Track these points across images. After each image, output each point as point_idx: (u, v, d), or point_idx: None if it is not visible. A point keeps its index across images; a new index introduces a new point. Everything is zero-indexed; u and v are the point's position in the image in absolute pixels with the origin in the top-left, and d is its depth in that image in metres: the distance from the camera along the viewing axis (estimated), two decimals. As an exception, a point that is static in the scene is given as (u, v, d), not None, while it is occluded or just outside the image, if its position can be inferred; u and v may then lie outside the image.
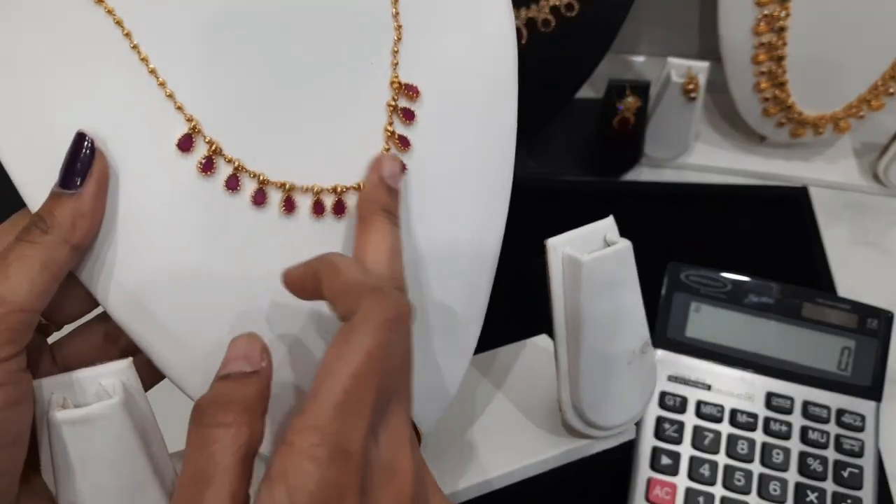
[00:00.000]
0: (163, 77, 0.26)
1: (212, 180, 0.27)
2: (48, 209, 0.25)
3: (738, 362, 0.51)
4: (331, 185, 0.28)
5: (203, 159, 0.27)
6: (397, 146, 0.29)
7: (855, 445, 0.48)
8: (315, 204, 0.28)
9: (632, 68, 0.77)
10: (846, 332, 0.51)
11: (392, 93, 0.29)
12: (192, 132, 0.26)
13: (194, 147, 0.26)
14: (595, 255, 0.32)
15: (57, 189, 0.25)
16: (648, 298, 0.54)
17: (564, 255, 0.32)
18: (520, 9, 0.56)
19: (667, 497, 0.47)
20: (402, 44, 0.29)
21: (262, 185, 0.27)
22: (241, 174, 0.27)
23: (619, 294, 0.33)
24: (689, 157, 0.68)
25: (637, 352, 0.34)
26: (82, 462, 0.25)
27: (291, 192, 0.28)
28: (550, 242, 0.33)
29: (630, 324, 0.34)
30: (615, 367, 0.34)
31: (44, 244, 0.24)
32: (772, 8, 0.57)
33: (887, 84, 0.61)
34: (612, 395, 0.35)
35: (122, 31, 0.26)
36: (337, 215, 0.29)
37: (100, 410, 0.25)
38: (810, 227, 0.63)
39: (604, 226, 0.33)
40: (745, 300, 0.51)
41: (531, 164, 0.68)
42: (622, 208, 0.65)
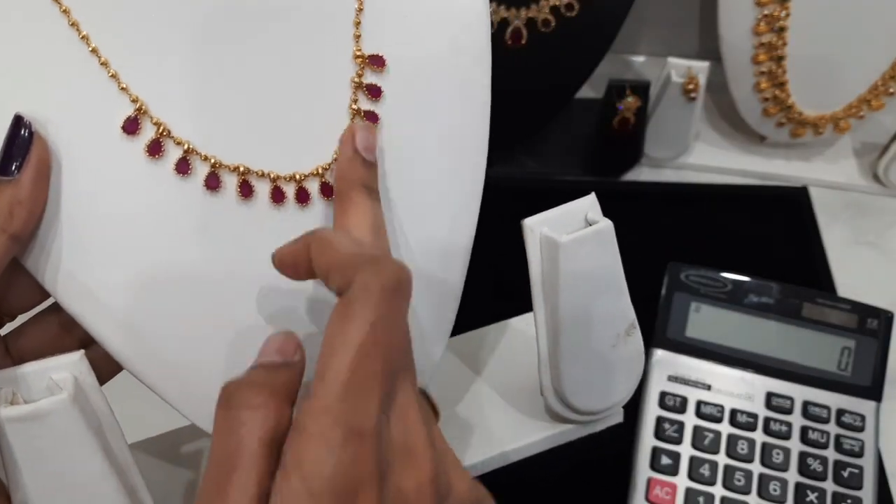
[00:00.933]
0: (105, 56, 0.24)
1: (160, 164, 0.25)
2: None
3: (738, 362, 0.51)
4: (289, 173, 0.26)
5: (150, 142, 0.25)
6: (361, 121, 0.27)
7: (855, 445, 0.48)
8: (274, 191, 0.26)
9: (632, 68, 0.77)
10: (846, 332, 0.51)
11: (356, 67, 0.27)
12: (137, 114, 0.25)
13: (141, 129, 0.25)
14: (574, 236, 0.30)
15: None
16: (648, 298, 0.54)
17: (542, 236, 0.31)
18: (520, 9, 0.56)
19: (667, 497, 0.47)
20: (364, 14, 0.27)
21: (215, 169, 0.25)
22: (191, 157, 0.25)
23: (600, 276, 0.32)
24: (689, 157, 0.68)
25: (622, 334, 0.33)
26: (32, 459, 0.24)
27: (247, 176, 0.26)
28: (527, 222, 0.31)
29: (613, 306, 0.32)
30: (598, 351, 0.33)
31: None
32: (772, 8, 0.57)
33: (887, 84, 0.61)
34: (595, 380, 0.34)
35: (59, 7, 0.24)
36: (300, 203, 0.27)
37: (48, 406, 0.24)
38: (810, 227, 0.63)
39: (585, 204, 0.31)
40: (746, 300, 0.51)
41: (531, 164, 0.68)
42: (622, 208, 0.65)
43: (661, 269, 0.53)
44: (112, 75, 0.24)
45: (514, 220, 0.63)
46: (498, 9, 0.56)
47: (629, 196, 0.66)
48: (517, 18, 0.56)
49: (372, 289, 0.22)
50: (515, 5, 0.55)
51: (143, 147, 0.25)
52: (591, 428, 0.37)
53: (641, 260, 0.60)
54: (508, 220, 0.62)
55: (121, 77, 0.24)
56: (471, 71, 0.29)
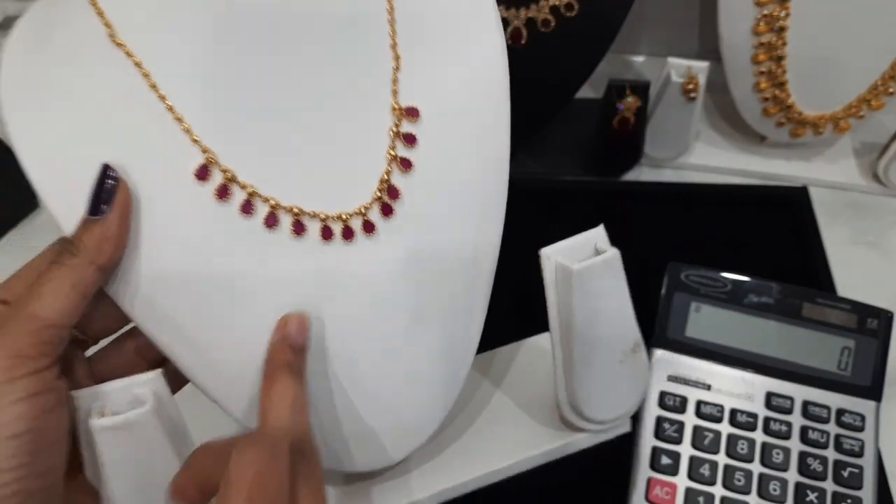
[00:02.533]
0: (179, 112, 0.28)
1: (228, 205, 0.29)
2: (77, 234, 0.28)
3: (737, 362, 0.51)
4: (336, 213, 0.29)
5: (219, 187, 0.28)
6: (400, 168, 0.30)
7: (855, 445, 0.48)
8: (323, 229, 0.30)
9: (632, 68, 0.77)
10: (846, 331, 0.51)
11: (394, 119, 0.30)
12: (207, 163, 0.28)
13: (210, 176, 0.28)
14: (585, 264, 0.33)
15: (86, 216, 0.28)
16: (648, 298, 0.54)
17: (557, 264, 0.34)
18: (519, 9, 0.56)
19: (667, 497, 0.47)
20: (401, 72, 0.30)
21: (274, 210, 0.29)
22: (254, 199, 0.29)
23: (608, 298, 0.35)
24: (688, 157, 0.68)
25: (628, 351, 0.36)
26: (120, 463, 0.28)
27: (300, 216, 0.29)
28: (544, 252, 0.34)
29: (620, 326, 0.36)
30: (607, 366, 0.36)
31: (72, 266, 0.27)
32: (771, 8, 0.57)
33: (887, 84, 0.61)
34: (605, 392, 0.37)
35: (140, 71, 0.28)
36: (346, 239, 0.30)
37: (134, 417, 0.28)
38: (810, 227, 0.63)
39: (594, 234, 0.35)
40: (745, 300, 0.51)
41: (531, 164, 0.68)
42: (622, 208, 0.65)
43: (660, 268, 0.53)
44: (185, 129, 0.28)
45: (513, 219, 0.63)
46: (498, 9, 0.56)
47: (629, 196, 0.66)
48: (517, 18, 0.56)
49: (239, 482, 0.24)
50: (515, 5, 0.55)
51: (213, 191, 0.28)
52: (602, 437, 0.40)
53: (641, 260, 0.61)
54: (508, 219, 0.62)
55: (192, 131, 0.28)
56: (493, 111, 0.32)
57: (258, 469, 0.24)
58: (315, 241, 0.29)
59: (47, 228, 0.63)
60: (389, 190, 0.30)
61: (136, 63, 0.28)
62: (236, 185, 0.29)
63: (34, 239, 0.63)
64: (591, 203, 0.65)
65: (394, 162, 0.30)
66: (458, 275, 0.32)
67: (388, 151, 0.30)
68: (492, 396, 0.42)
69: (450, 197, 0.31)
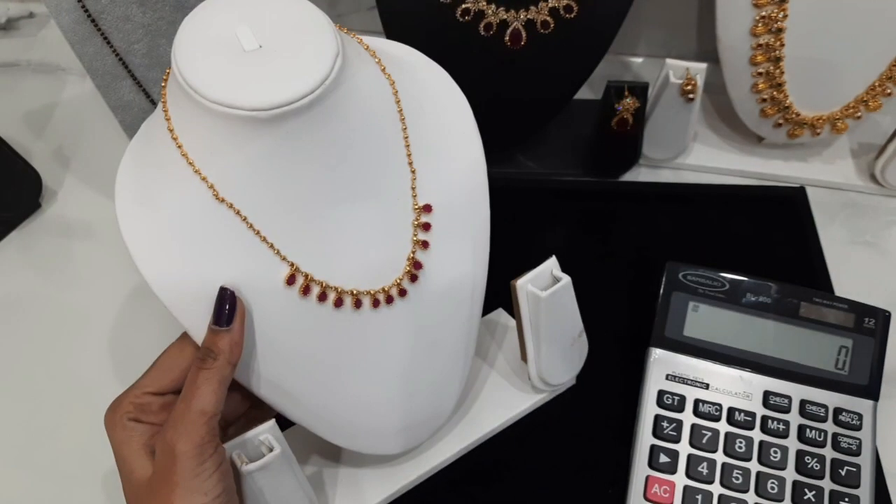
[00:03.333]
0: (270, 241, 0.37)
1: (308, 298, 0.38)
2: (213, 343, 0.36)
3: (735, 361, 0.51)
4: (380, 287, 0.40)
5: (302, 286, 0.38)
6: (420, 247, 0.41)
7: (852, 444, 0.48)
8: (373, 301, 0.40)
9: (630, 69, 0.77)
10: (843, 331, 0.51)
11: (415, 214, 0.41)
12: (294, 272, 0.38)
13: (296, 281, 0.38)
14: (549, 291, 0.45)
15: (214, 326, 0.36)
16: (647, 298, 0.54)
17: (528, 291, 0.46)
18: (519, 10, 0.56)
19: (665, 495, 0.47)
20: (417, 181, 0.41)
21: (339, 294, 0.39)
22: (328, 290, 0.39)
23: (563, 309, 0.48)
24: (687, 158, 0.68)
25: (576, 337, 0.50)
26: (263, 493, 0.39)
27: (359, 295, 0.39)
28: (518, 283, 0.46)
29: (571, 324, 0.49)
30: (563, 349, 0.50)
31: (216, 367, 0.36)
32: (769, 9, 0.57)
33: (884, 85, 0.61)
34: (561, 365, 0.51)
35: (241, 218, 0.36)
36: (388, 304, 0.41)
37: (272, 459, 0.39)
38: (808, 227, 0.63)
39: (550, 264, 0.47)
40: (743, 300, 0.52)
41: (530, 165, 0.68)
42: (620, 208, 0.66)
43: (659, 268, 0.53)
44: (276, 253, 0.37)
45: (513, 219, 0.63)
46: (497, 10, 0.56)
47: (627, 196, 0.66)
48: (516, 20, 0.56)
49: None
50: (515, 7, 0.56)
51: (298, 290, 0.38)
52: (556, 393, 0.53)
53: (639, 260, 0.61)
54: (508, 219, 0.63)
55: (281, 252, 0.37)
56: (478, 195, 0.43)
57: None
58: (367, 311, 0.40)
59: (48, 229, 0.64)
60: (415, 264, 0.41)
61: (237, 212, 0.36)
62: (314, 282, 0.38)
63: (35, 239, 0.64)
64: (590, 203, 0.65)
65: (417, 244, 0.41)
66: (465, 304, 0.44)
67: (413, 238, 0.40)
68: (477, 371, 0.53)
69: (457, 257, 0.42)
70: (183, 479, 0.34)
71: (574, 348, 0.50)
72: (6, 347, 0.57)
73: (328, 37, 0.36)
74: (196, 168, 0.36)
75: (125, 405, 0.37)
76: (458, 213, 0.42)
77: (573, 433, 0.52)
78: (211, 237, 0.37)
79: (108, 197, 0.66)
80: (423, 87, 0.42)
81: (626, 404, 0.52)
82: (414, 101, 0.41)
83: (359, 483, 0.48)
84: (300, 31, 0.36)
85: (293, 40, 0.36)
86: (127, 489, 0.37)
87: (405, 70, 0.42)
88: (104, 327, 0.58)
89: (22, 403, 0.54)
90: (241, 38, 0.35)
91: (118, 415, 0.37)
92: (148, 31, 0.54)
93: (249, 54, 0.35)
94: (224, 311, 0.36)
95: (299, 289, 0.38)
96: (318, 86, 0.35)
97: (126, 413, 0.37)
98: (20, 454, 0.52)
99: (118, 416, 0.37)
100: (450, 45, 0.57)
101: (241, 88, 0.34)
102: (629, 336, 0.55)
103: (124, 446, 0.37)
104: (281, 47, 0.35)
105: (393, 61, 0.41)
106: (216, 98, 0.34)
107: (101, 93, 0.57)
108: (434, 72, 0.44)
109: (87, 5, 0.52)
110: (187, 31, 0.36)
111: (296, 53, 0.35)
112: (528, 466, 0.50)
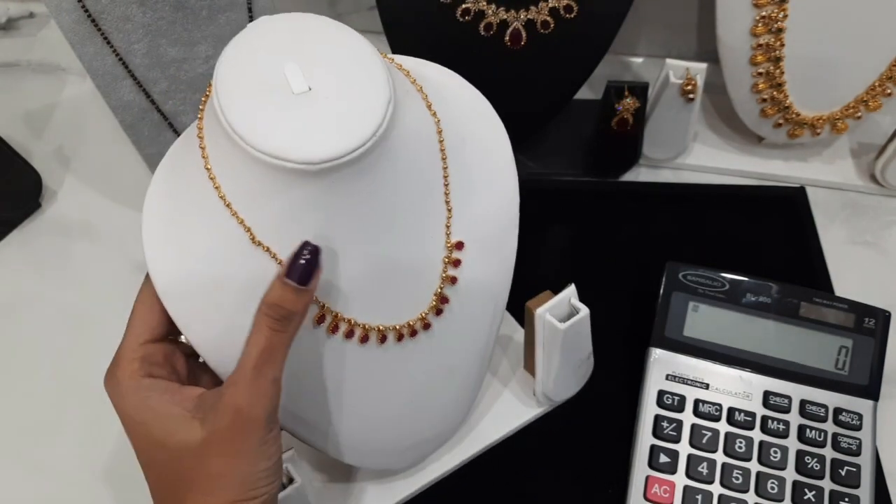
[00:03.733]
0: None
1: (337, 335, 0.38)
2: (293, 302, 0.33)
3: (735, 361, 0.51)
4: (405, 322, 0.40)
5: (331, 325, 0.38)
6: (449, 283, 0.41)
7: (852, 444, 0.48)
8: (398, 336, 0.40)
9: (630, 69, 0.77)
10: (843, 331, 0.51)
11: (447, 251, 0.40)
12: (323, 312, 0.37)
13: (325, 320, 0.38)
14: (568, 323, 0.46)
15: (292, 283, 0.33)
16: (647, 298, 0.54)
17: (546, 321, 0.46)
18: (519, 10, 0.56)
19: (665, 495, 0.47)
20: (452, 218, 0.40)
21: (366, 331, 0.39)
22: (355, 328, 0.39)
23: (579, 336, 0.48)
24: (687, 158, 0.68)
25: (583, 360, 0.51)
26: None
27: (385, 331, 0.39)
28: (537, 312, 0.46)
29: (582, 348, 0.50)
30: (572, 370, 0.50)
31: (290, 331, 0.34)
32: (770, 9, 0.57)
33: (884, 85, 0.61)
34: (568, 383, 0.52)
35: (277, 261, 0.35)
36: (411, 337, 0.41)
37: (292, 491, 0.41)
38: (808, 227, 0.63)
39: (569, 292, 0.47)
40: (743, 300, 0.52)
41: (530, 165, 0.68)
42: (620, 208, 0.66)
43: (659, 268, 0.53)
44: None
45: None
46: (497, 10, 0.56)
47: (627, 196, 0.66)
48: (516, 20, 0.56)
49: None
50: (515, 7, 0.56)
51: (326, 329, 0.38)
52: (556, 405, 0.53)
53: (639, 259, 0.61)
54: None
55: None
56: (509, 231, 0.43)
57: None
58: (392, 343, 0.40)
59: (48, 229, 0.64)
60: (442, 299, 0.41)
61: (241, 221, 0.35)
62: (342, 321, 0.38)
63: (35, 239, 0.64)
64: (590, 203, 0.65)
65: (446, 280, 0.40)
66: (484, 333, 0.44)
67: (442, 274, 0.40)
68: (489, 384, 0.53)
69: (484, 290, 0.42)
70: (253, 445, 0.33)
71: (581, 369, 0.51)
72: (6, 347, 0.57)
73: (380, 77, 0.34)
74: (234, 211, 0.35)
75: (127, 364, 0.35)
76: (490, 249, 0.42)
77: (573, 433, 0.52)
78: (243, 280, 0.35)
79: (109, 197, 0.66)
80: (465, 120, 0.41)
81: (626, 404, 0.52)
82: (457, 137, 0.40)
83: (361, 495, 0.48)
84: (351, 69, 0.34)
85: (344, 81, 0.34)
86: (156, 452, 0.34)
87: (448, 101, 0.40)
88: (104, 327, 0.58)
89: (22, 403, 0.54)
90: (290, 79, 0.33)
91: (125, 376, 0.34)
92: (148, 31, 0.54)
93: (299, 97, 0.33)
94: (304, 266, 0.33)
95: (327, 328, 0.38)
96: (370, 137, 0.33)
97: (134, 371, 0.34)
98: (20, 454, 0.52)
99: (125, 377, 0.34)
100: (450, 46, 0.57)
101: (290, 139, 0.32)
102: (629, 336, 0.55)
103: (147, 409, 0.34)
104: (332, 90, 0.33)
105: (435, 91, 0.40)
106: (264, 149, 0.32)
107: (102, 93, 0.57)
108: (474, 99, 0.43)
109: (88, 5, 0.52)
110: (229, 64, 0.34)
111: (348, 98, 0.33)
112: (528, 466, 0.50)
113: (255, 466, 0.33)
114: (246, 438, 0.33)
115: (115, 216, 0.64)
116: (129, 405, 0.34)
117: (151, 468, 0.35)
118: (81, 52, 0.55)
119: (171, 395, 0.34)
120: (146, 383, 0.34)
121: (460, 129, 0.40)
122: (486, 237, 0.41)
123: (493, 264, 0.42)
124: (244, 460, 0.33)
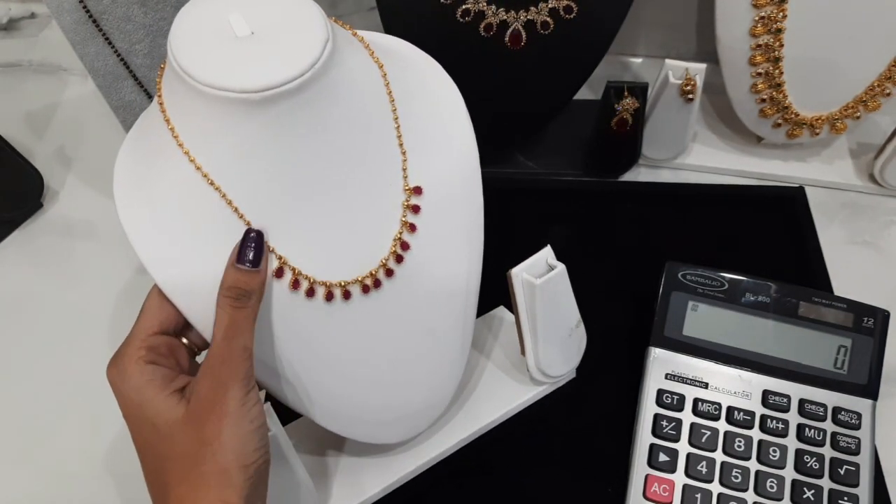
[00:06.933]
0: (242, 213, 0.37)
1: (297, 292, 0.39)
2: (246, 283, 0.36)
3: (735, 361, 0.51)
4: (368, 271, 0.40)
5: (292, 281, 0.38)
6: (408, 229, 0.41)
7: (851, 443, 0.48)
8: (363, 287, 0.40)
9: (630, 70, 0.77)
10: (842, 330, 0.51)
11: (405, 196, 0.41)
12: (282, 265, 0.38)
13: (284, 275, 0.38)
14: (543, 279, 0.46)
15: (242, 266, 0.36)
16: (646, 297, 0.55)
17: (523, 279, 0.46)
18: (519, 11, 0.56)
19: (664, 494, 0.47)
20: (408, 163, 0.41)
21: (330, 289, 0.39)
22: (316, 285, 0.39)
23: (559, 298, 0.48)
24: (686, 158, 0.68)
25: (573, 328, 0.50)
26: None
27: (331, 287, 0.39)
28: (513, 272, 0.46)
29: (567, 313, 0.49)
30: (560, 339, 0.50)
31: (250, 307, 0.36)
32: (769, 10, 0.58)
33: (883, 85, 0.61)
34: (559, 356, 0.51)
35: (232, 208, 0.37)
36: (376, 288, 0.41)
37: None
38: (807, 227, 0.64)
39: (545, 253, 0.47)
40: (743, 299, 0.52)
41: (530, 165, 0.68)
42: (620, 208, 0.66)
43: (658, 268, 0.53)
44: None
45: (513, 218, 0.63)
46: (497, 11, 0.56)
47: (627, 196, 0.66)
48: (516, 21, 0.56)
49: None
50: (515, 8, 0.56)
51: (287, 285, 0.39)
52: (556, 386, 0.54)
53: (639, 259, 0.61)
54: (508, 218, 0.63)
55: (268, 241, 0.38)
56: (471, 183, 0.43)
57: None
58: (358, 296, 0.40)
59: (50, 228, 0.64)
60: (402, 245, 0.41)
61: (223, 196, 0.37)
62: (302, 277, 0.39)
63: (37, 239, 0.64)
64: (590, 203, 0.66)
65: (405, 225, 0.41)
66: (460, 292, 0.44)
67: (401, 218, 0.41)
68: (476, 365, 0.54)
69: (446, 245, 0.42)
70: (233, 408, 0.35)
71: (572, 339, 0.50)
72: (7, 346, 0.57)
73: (319, 24, 0.37)
74: (189, 153, 0.37)
75: (134, 351, 0.37)
76: (451, 199, 0.42)
77: (573, 432, 0.52)
78: (202, 225, 0.37)
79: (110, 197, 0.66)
80: (414, 74, 0.43)
81: (625, 403, 0.52)
82: (404, 86, 0.41)
83: (358, 473, 0.48)
84: (292, 19, 0.37)
85: (285, 27, 0.37)
86: (149, 433, 0.36)
87: (395, 58, 0.42)
88: (105, 326, 0.58)
89: (22, 402, 0.54)
90: (233, 25, 0.36)
91: (129, 361, 0.36)
92: (149, 32, 0.54)
93: (241, 40, 0.36)
94: (252, 251, 0.37)
95: (288, 283, 0.39)
96: (307, 69, 0.35)
97: (140, 357, 0.36)
98: (20, 453, 0.52)
99: (130, 363, 0.36)
100: (450, 46, 0.57)
101: (232, 71, 0.35)
102: (629, 335, 0.55)
103: (145, 390, 0.36)
104: (272, 34, 0.36)
105: (383, 50, 0.42)
106: (208, 81, 0.35)
107: (103, 93, 0.57)
108: (425, 62, 0.44)
109: (89, 6, 0.52)
110: (183, 19, 0.37)
111: (287, 39, 0.36)
112: (528, 465, 0.51)
113: (240, 428, 0.35)
114: (227, 402, 0.35)
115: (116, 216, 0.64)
116: (129, 387, 0.36)
117: (145, 451, 0.36)
118: (83, 52, 0.55)
119: (167, 381, 0.36)
120: (149, 369, 0.36)
121: (409, 81, 0.42)
122: (448, 187, 0.42)
123: (458, 218, 0.43)
124: (228, 420, 0.35)
